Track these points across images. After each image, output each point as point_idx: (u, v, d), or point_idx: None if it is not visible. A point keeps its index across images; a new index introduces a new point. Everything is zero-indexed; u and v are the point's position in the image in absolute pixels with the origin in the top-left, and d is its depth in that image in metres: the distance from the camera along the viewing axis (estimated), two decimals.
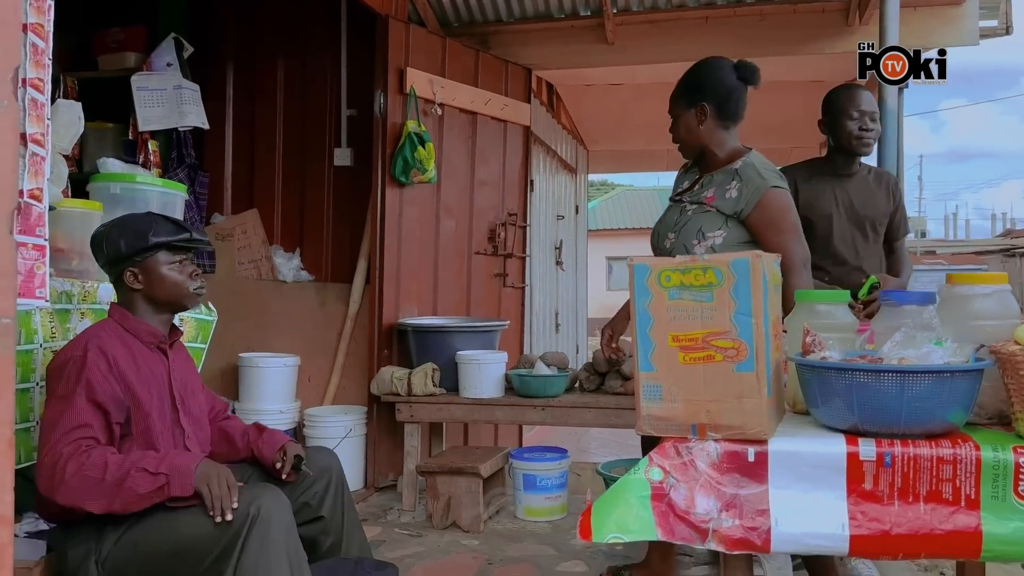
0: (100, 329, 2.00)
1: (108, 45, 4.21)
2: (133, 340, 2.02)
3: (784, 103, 6.16)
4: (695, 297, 1.28)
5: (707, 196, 2.34)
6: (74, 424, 1.85)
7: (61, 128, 2.14)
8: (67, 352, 1.93)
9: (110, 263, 2.02)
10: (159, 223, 2.05)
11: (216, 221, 4.52)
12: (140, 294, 2.04)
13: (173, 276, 2.05)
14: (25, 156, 1.27)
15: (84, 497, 1.80)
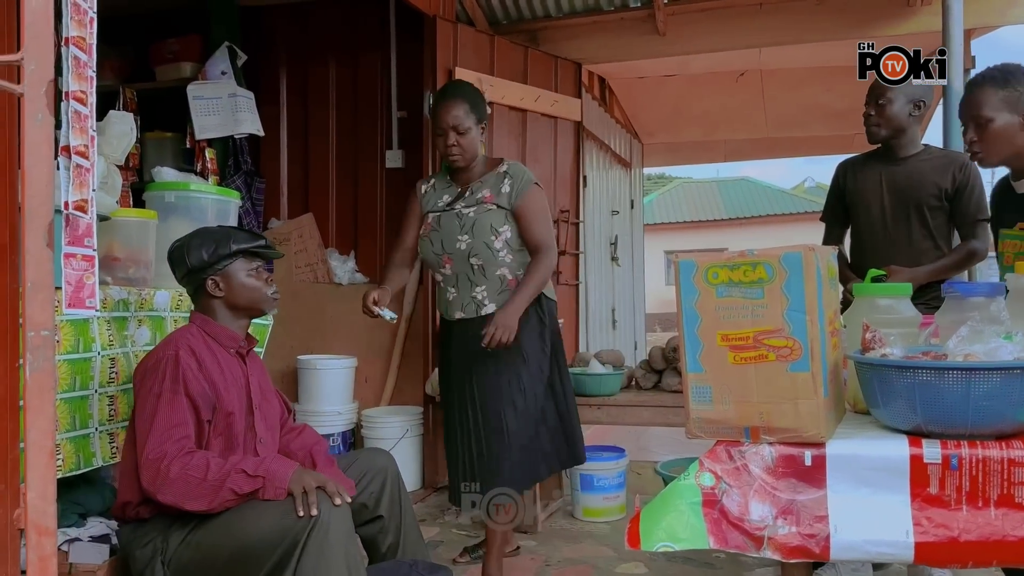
0: (186, 332, 2.09)
1: (164, 56, 4.31)
2: (215, 344, 2.11)
3: (844, 88, 5.98)
4: (745, 294, 1.22)
5: (486, 196, 2.66)
6: (175, 423, 1.93)
7: (114, 139, 2.18)
8: (158, 353, 2.01)
9: (192, 272, 2.09)
10: (236, 232, 2.16)
11: (273, 226, 4.59)
12: (221, 301, 2.13)
13: (252, 282, 2.15)
14: (69, 168, 1.28)
15: (186, 496, 1.87)
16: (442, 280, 2.73)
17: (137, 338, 2.40)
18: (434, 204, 2.73)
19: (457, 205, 2.68)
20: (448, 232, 2.67)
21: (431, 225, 2.70)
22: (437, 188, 2.76)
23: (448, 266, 2.67)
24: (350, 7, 4.45)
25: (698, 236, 19.89)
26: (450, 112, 2.63)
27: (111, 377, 2.26)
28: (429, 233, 2.69)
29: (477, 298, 2.67)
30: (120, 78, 4.39)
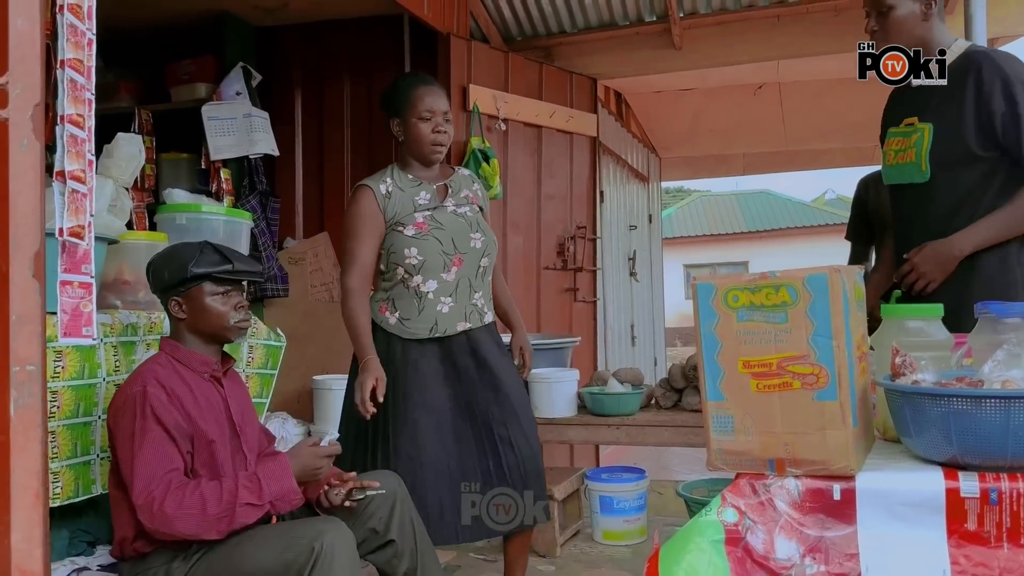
0: (153, 363, 1.98)
1: (180, 77, 4.31)
2: (186, 371, 1.99)
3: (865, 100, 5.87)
4: (767, 318, 1.16)
5: (469, 197, 2.50)
6: (155, 461, 1.83)
7: (123, 161, 2.16)
8: (125, 390, 1.92)
9: (158, 292, 2.02)
10: (204, 254, 2.00)
11: (288, 245, 4.57)
12: (185, 324, 2.01)
13: (215, 307, 2.00)
14: (64, 194, 1.24)
15: (196, 529, 1.80)
16: (435, 289, 2.37)
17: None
18: (413, 204, 2.40)
19: (448, 203, 2.44)
20: (458, 230, 2.40)
21: (426, 224, 2.37)
22: (403, 188, 2.42)
23: (455, 269, 2.38)
24: (364, 26, 4.44)
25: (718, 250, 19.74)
26: (441, 97, 2.41)
27: None
28: (431, 232, 2.36)
29: (477, 305, 2.45)
30: (135, 99, 4.39)
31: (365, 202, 2.38)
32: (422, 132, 2.38)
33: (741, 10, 4.44)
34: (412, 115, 2.39)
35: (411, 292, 2.37)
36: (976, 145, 2.01)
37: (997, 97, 1.99)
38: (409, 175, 2.44)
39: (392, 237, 2.36)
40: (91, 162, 1.34)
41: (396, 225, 2.36)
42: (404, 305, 2.38)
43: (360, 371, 2.29)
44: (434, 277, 2.36)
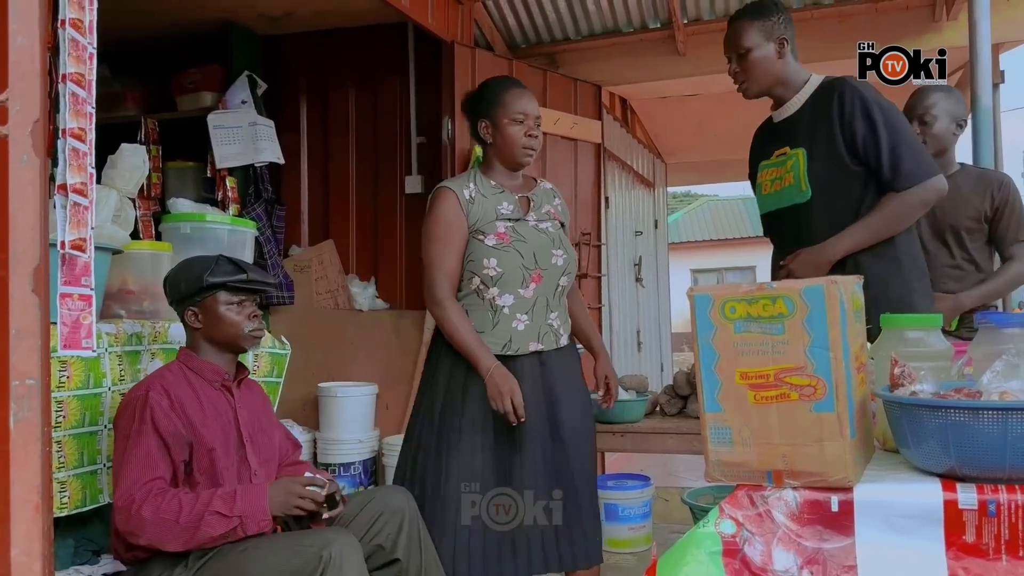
0: (165, 371, 2.04)
1: (186, 86, 4.33)
2: (197, 379, 2.04)
3: None
4: (764, 330, 1.16)
5: (551, 212, 2.40)
6: (142, 466, 1.87)
7: (127, 172, 2.17)
8: (131, 394, 1.97)
9: (175, 303, 2.06)
10: (219, 264, 2.07)
11: (294, 253, 4.59)
12: (201, 334, 2.07)
13: (230, 316, 2.06)
14: (66, 207, 1.26)
15: (162, 538, 1.82)
16: (511, 305, 2.24)
17: (150, 371, 2.38)
18: (495, 212, 2.27)
19: (530, 217, 2.32)
20: (540, 245, 2.28)
21: (507, 235, 2.24)
22: (486, 195, 2.30)
23: (534, 286, 2.25)
24: (369, 34, 4.46)
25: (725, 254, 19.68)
26: (534, 101, 2.30)
27: None
28: (512, 244, 2.24)
29: (553, 326, 2.30)
30: (142, 109, 4.42)
31: (448, 206, 2.26)
32: (514, 135, 2.27)
33: None
34: (504, 116, 2.28)
35: (485, 304, 2.24)
36: (850, 161, 2.17)
37: (858, 118, 2.14)
38: (492, 182, 2.32)
39: (471, 245, 2.25)
40: (92, 175, 1.36)
41: (476, 233, 2.25)
42: (477, 317, 2.25)
43: (491, 382, 2.14)
44: (511, 292, 2.24)
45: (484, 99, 2.34)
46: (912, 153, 2.12)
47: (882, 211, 2.15)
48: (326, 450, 4.07)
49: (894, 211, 2.13)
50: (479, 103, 2.35)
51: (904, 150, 2.11)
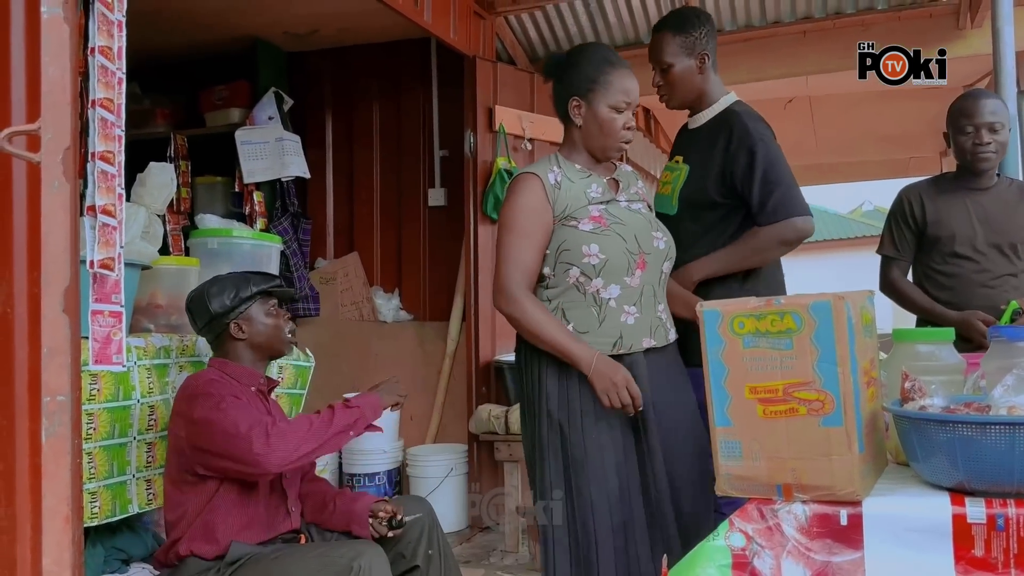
0: (207, 374, 2.12)
1: (214, 102, 4.43)
2: (235, 383, 2.12)
3: (899, 113, 5.85)
4: (772, 344, 1.18)
5: (640, 194, 2.15)
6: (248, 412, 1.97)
7: (155, 190, 2.24)
8: (194, 386, 2.06)
9: (215, 319, 2.11)
10: (252, 275, 2.20)
11: (319, 266, 4.65)
12: (244, 343, 2.15)
13: (273, 321, 2.18)
14: (95, 228, 1.31)
15: (307, 441, 1.97)
16: (618, 296, 1.94)
17: (178, 383, 2.44)
18: (585, 196, 2.00)
19: (621, 198, 2.06)
20: (640, 227, 2.01)
21: (603, 218, 1.98)
22: (572, 179, 2.02)
23: (639, 272, 1.96)
24: (392, 49, 4.53)
25: None
26: (637, 87, 2.03)
27: (150, 424, 2.30)
28: (611, 227, 1.96)
29: (662, 318, 2.03)
30: (171, 125, 4.52)
31: (532, 193, 1.97)
32: (613, 124, 1.99)
33: (767, 27, 4.44)
34: (604, 100, 1.99)
35: (588, 299, 1.94)
36: (715, 192, 2.22)
37: (741, 152, 2.20)
38: (576, 165, 2.05)
39: (563, 233, 1.96)
40: (121, 195, 1.41)
41: (567, 220, 1.97)
42: (580, 315, 1.94)
43: (598, 376, 1.85)
44: (617, 281, 1.94)
45: (583, 73, 2.01)
46: (783, 191, 2.12)
47: (743, 243, 2.19)
48: (351, 460, 4.11)
49: (752, 244, 2.16)
50: (575, 76, 2.03)
51: (775, 187, 2.12)
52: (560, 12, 4.39)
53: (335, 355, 4.48)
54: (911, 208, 2.63)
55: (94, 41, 1.32)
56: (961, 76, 4.75)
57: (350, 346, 4.52)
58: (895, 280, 2.65)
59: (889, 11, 4.23)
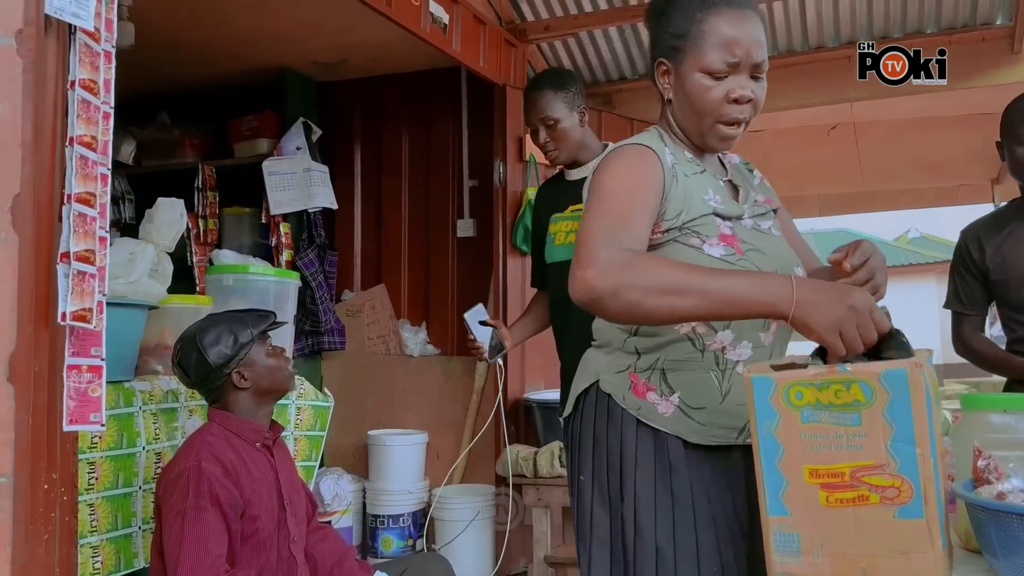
0: (206, 435, 1.95)
1: (242, 133, 4.36)
2: (238, 441, 1.98)
3: (947, 138, 5.62)
4: (837, 420, 1.00)
5: (764, 199, 1.56)
6: (203, 545, 1.79)
7: (164, 226, 2.13)
8: (180, 463, 1.88)
9: (214, 371, 1.95)
10: (246, 314, 2.02)
11: (346, 298, 4.54)
12: (247, 392, 2.00)
13: (274, 362, 2.03)
14: (69, 276, 1.18)
15: None
16: (748, 359, 1.37)
17: (188, 428, 2.31)
18: (703, 203, 1.40)
19: (745, 214, 1.47)
20: (781, 258, 1.45)
21: (738, 240, 1.40)
22: (687, 171, 1.42)
23: (774, 327, 1.40)
24: (422, 78, 4.43)
25: None
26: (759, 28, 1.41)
27: (156, 473, 2.17)
28: (748, 255, 1.39)
29: None
30: (199, 155, 4.46)
31: (648, 164, 1.36)
32: (707, 97, 1.37)
33: (810, 52, 4.27)
34: (695, 61, 1.38)
35: (706, 359, 1.36)
36: None
37: None
38: (687, 152, 1.46)
39: (676, 254, 1.35)
40: (104, 239, 1.28)
41: (683, 232, 1.37)
42: (692, 383, 1.37)
43: (811, 309, 1.10)
44: (750, 338, 1.37)
45: (671, 22, 1.42)
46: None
47: None
48: (375, 501, 3.97)
49: None
50: (663, 27, 1.44)
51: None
52: (593, 38, 4.27)
53: (360, 390, 4.36)
54: (969, 252, 2.33)
55: (74, 74, 1.20)
56: None
57: (376, 381, 4.38)
58: (967, 337, 2.33)
59: (939, 34, 4.03)
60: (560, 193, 2.68)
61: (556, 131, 2.56)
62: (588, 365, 1.48)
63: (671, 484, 1.34)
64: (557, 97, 2.57)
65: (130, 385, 2.11)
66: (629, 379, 1.40)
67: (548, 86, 2.60)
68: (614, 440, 1.38)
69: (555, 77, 2.67)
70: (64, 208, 1.19)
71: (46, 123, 1.03)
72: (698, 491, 1.34)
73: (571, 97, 2.59)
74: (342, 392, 3.46)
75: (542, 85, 2.62)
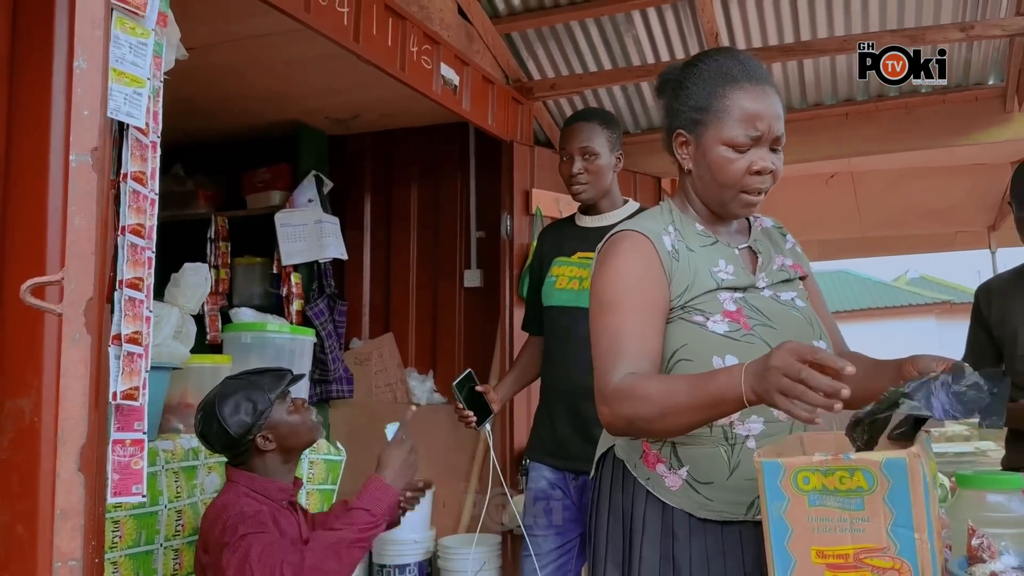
0: (236, 495, 1.96)
1: (255, 185, 4.47)
2: (267, 502, 1.99)
3: (944, 187, 5.74)
4: (841, 504, 1.07)
5: (792, 264, 1.56)
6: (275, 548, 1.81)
7: (188, 290, 2.21)
8: (225, 516, 1.88)
9: (238, 438, 1.97)
10: (262, 378, 2.04)
11: (355, 346, 4.61)
12: (274, 452, 2.02)
13: (296, 419, 2.06)
14: (120, 357, 1.25)
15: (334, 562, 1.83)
16: (759, 434, 1.39)
17: (206, 486, 2.37)
18: (711, 277, 1.44)
19: (760, 280, 1.48)
20: (796, 329, 1.43)
21: (745, 315, 1.40)
22: (692, 246, 1.46)
23: None
24: (431, 133, 4.56)
25: None
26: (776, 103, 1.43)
27: (177, 530, 2.23)
28: (756, 330, 1.39)
29: None
30: (213, 206, 4.57)
31: (642, 258, 1.40)
32: (730, 169, 1.40)
33: (808, 108, 4.39)
34: (718, 134, 1.41)
35: (715, 435, 1.37)
36: None
37: None
38: (697, 224, 1.50)
39: (682, 333, 1.39)
40: (149, 318, 1.36)
41: (688, 311, 1.39)
42: (701, 458, 1.38)
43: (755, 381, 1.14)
44: (760, 412, 1.37)
45: (691, 95, 1.45)
46: None
47: None
48: (381, 551, 3.99)
49: None
50: (682, 99, 1.47)
51: None
52: (598, 96, 4.40)
53: (368, 438, 4.38)
54: (978, 307, 2.40)
55: (127, 167, 1.29)
56: (1012, 153, 4.64)
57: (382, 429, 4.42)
58: None
59: (933, 94, 4.15)
60: (568, 237, 2.64)
61: (593, 164, 2.50)
62: None
63: (673, 553, 1.38)
64: (603, 132, 2.53)
65: (153, 445, 2.18)
66: (641, 448, 1.45)
67: (597, 119, 2.56)
68: (627, 505, 1.43)
69: (605, 115, 2.63)
70: (116, 293, 1.27)
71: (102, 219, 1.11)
72: (698, 561, 1.37)
73: (615, 139, 2.56)
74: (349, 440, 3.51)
75: (591, 117, 2.58)
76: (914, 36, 3.65)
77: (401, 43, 3.12)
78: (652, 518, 1.41)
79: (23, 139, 1.43)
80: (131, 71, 1.25)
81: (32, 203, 1.41)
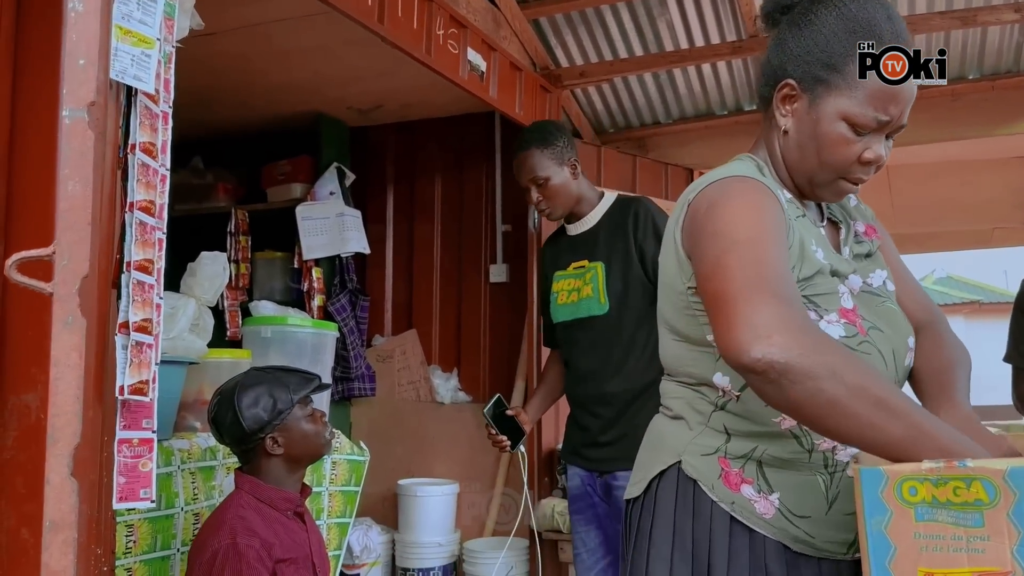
0: (238, 507, 1.84)
1: (276, 177, 4.35)
2: (269, 510, 1.87)
3: (981, 181, 5.54)
4: (955, 519, 0.92)
5: (865, 229, 1.36)
6: None
7: (206, 281, 2.09)
8: (213, 542, 1.77)
9: (248, 435, 1.86)
10: (288, 376, 1.92)
11: (377, 343, 4.49)
12: (280, 458, 1.90)
13: (311, 428, 1.93)
14: (127, 347, 1.12)
15: None
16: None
17: (225, 487, 2.25)
18: (813, 259, 1.20)
19: (842, 269, 1.24)
20: (896, 336, 1.23)
21: (856, 315, 1.19)
22: (792, 216, 1.22)
23: None
24: (456, 123, 4.42)
25: None
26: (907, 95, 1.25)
27: (194, 534, 2.10)
28: (871, 335, 1.19)
29: None
30: (233, 199, 4.46)
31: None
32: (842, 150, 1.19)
33: None
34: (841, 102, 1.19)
35: (814, 462, 1.17)
36: (642, 277, 2.32)
37: (650, 239, 2.30)
38: (786, 192, 1.27)
39: None
40: (159, 306, 1.23)
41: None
42: (795, 486, 1.18)
43: None
44: None
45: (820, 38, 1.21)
46: None
47: None
48: (404, 553, 3.87)
49: None
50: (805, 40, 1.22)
51: None
52: (628, 83, 4.24)
53: (390, 437, 4.28)
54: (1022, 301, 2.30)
55: (135, 138, 1.16)
56: None
57: (405, 428, 4.31)
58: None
59: (982, 80, 3.97)
60: (563, 250, 2.61)
61: (548, 189, 2.47)
62: (665, 441, 1.27)
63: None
64: (544, 155, 2.47)
65: (168, 444, 2.06)
66: (719, 465, 1.19)
67: (533, 144, 2.48)
68: (701, 534, 1.18)
69: (539, 133, 2.52)
70: (123, 276, 1.14)
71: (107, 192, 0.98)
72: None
73: (559, 152, 2.48)
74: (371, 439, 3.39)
75: (527, 144, 2.50)
76: (965, 18, 3.48)
77: (427, 26, 2.98)
78: (738, 547, 1.16)
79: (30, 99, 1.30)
80: (139, 29, 1.12)
81: (39, 173, 1.27)
